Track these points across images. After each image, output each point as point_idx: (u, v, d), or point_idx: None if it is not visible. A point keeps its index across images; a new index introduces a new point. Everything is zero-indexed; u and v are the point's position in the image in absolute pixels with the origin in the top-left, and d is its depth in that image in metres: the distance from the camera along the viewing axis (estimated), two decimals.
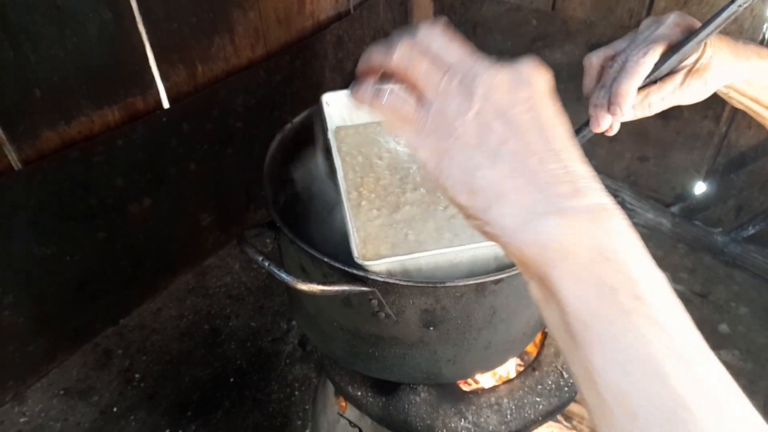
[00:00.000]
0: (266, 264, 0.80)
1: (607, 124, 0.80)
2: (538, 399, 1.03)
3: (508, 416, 1.01)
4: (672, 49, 0.78)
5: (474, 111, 0.43)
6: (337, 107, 1.05)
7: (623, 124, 0.84)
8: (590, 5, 1.82)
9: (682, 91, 0.82)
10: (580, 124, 0.84)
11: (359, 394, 1.04)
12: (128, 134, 1.34)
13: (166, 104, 1.42)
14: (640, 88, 0.80)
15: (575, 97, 0.94)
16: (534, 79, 0.45)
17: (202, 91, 1.49)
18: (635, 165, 1.96)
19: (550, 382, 1.06)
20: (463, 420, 0.99)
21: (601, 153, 1.99)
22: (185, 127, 1.47)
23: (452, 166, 0.44)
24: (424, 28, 0.48)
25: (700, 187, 1.86)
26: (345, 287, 0.78)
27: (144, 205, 1.44)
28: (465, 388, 1.08)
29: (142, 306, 1.56)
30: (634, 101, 0.81)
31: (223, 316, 1.56)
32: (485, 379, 1.15)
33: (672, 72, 0.81)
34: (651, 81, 0.80)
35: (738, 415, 0.38)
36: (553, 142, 0.43)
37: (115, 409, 1.32)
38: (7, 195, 1.15)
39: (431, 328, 0.86)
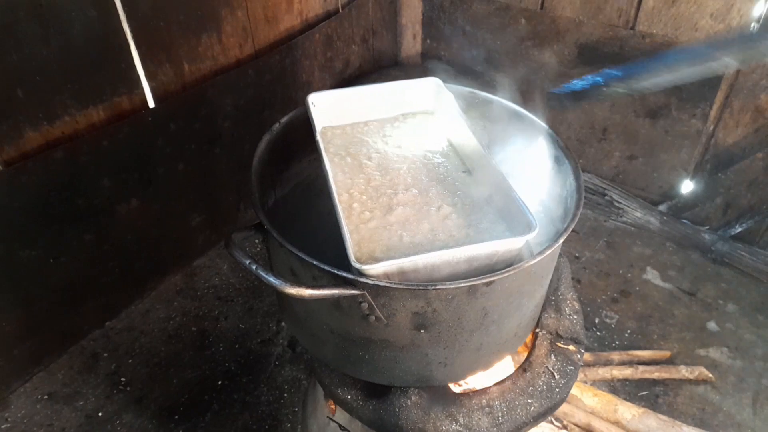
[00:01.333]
0: (253, 267, 0.78)
1: None
2: (529, 400, 1.03)
3: (500, 418, 1.00)
4: None
5: None
6: (324, 107, 1.03)
7: (613, 124, 0.82)
8: (579, 4, 1.82)
9: None
10: None
11: (349, 397, 1.03)
12: (114, 134, 1.32)
13: (152, 104, 1.40)
14: None
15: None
16: None
17: (189, 90, 1.47)
18: (624, 164, 1.96)
19: (541, 383, 1.05)
20: (454, 423, 0.98)
21: (590, 152, 1.99)
22: (173, 127, 1.45)
23: None
24: None
25: (687, 186, 1.87)
26: (334, 291, 0.77)
27: (132, 205, 1.42)
28: (456, 390, 1.07)
29: (129, 308, 1.54)
30: None
31: (211, 318, 1.54)
32: (476, 381, 1.14)
33: None
34: None
35: None
36: None
37: (100, 414, 1.30)
38: None
39: (422, 331, 0.86)
